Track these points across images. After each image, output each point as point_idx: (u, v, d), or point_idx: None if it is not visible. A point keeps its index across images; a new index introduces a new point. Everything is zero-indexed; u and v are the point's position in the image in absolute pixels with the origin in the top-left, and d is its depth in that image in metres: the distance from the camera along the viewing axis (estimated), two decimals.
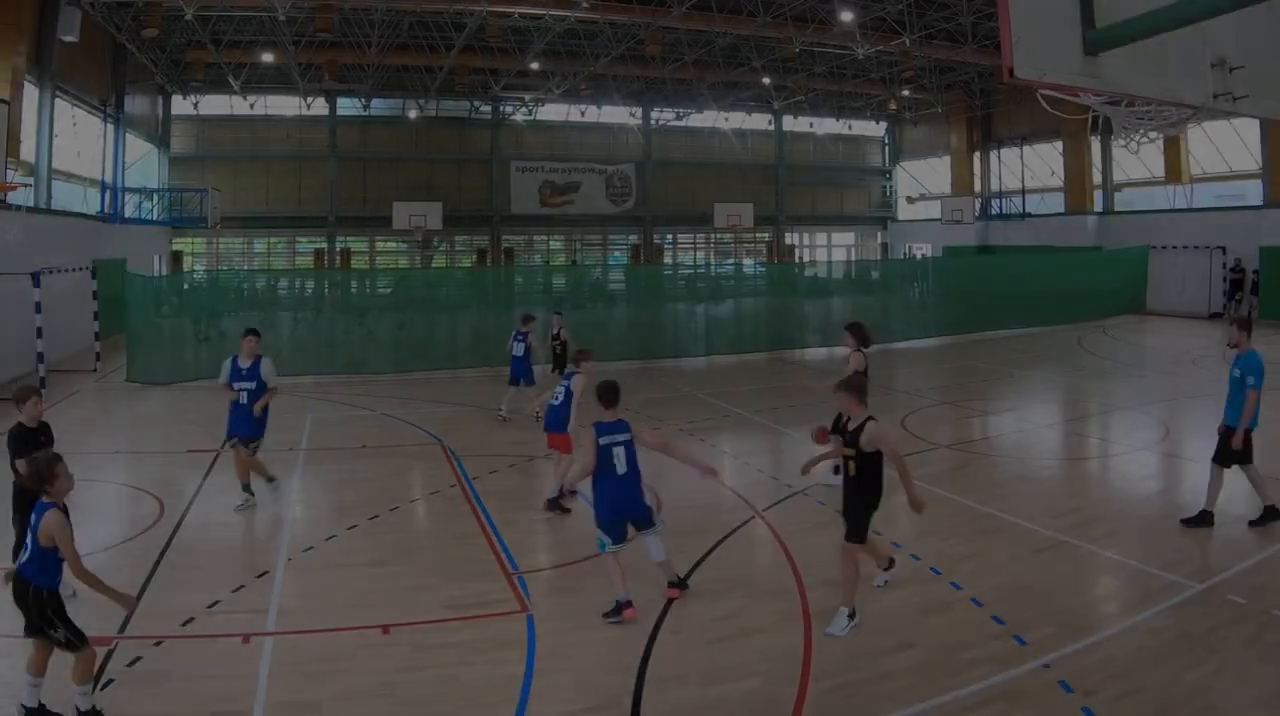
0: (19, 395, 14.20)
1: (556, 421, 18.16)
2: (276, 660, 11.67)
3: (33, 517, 9.98)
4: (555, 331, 29.50)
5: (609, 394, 13.74)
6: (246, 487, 18.49)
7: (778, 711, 10.43)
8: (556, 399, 18.39)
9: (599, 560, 13.39)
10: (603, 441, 13.31)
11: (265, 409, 18.71)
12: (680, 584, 13.78)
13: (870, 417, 12.71)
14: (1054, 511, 17.58)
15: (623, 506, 13.34)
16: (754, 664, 11.53)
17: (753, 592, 13.87)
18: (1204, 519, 16.37)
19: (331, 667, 11.51)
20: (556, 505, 17.96)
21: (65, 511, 10.03)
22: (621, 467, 13.31)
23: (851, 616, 12.43)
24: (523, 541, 16.56)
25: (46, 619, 9.90)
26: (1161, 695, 10.46)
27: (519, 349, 27.03)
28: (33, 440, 13.43)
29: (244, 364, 18.57)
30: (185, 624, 12.46)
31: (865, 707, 10.46)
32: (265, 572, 14.54)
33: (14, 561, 10.33)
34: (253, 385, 18.49)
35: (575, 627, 12.68)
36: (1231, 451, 16.36)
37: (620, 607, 12.87)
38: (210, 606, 13.01)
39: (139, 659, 11.49)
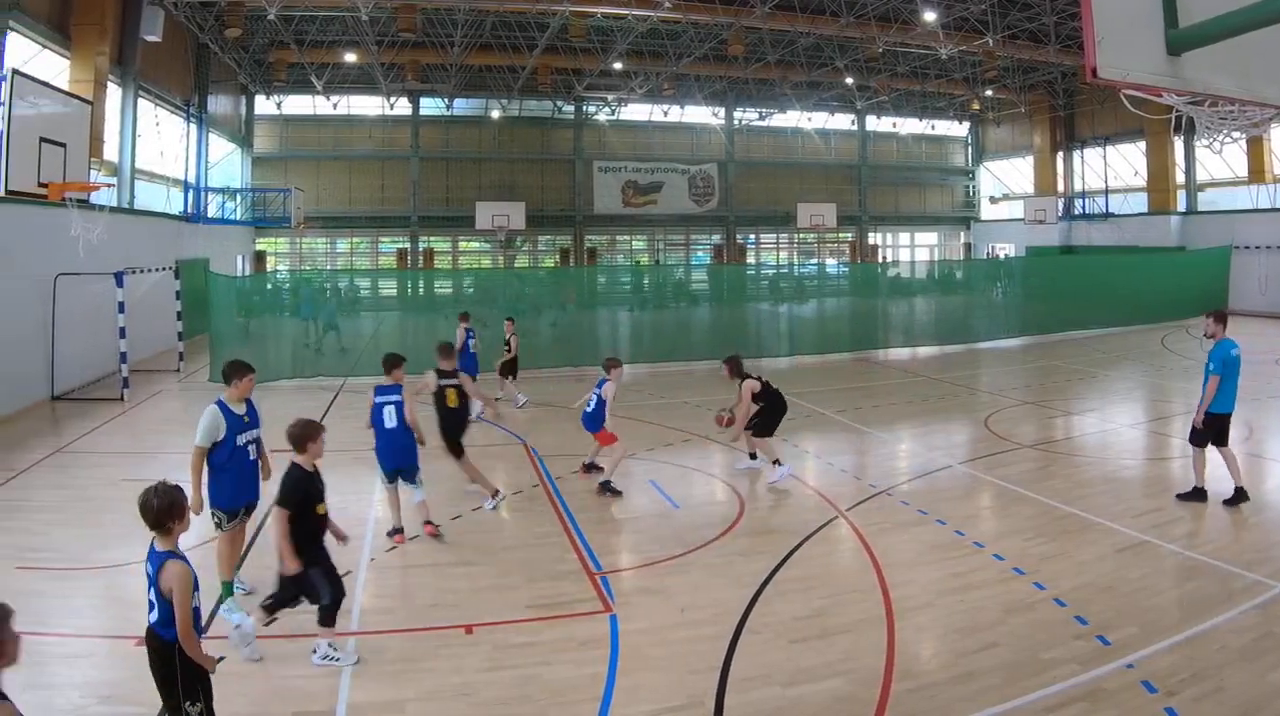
0: (306, 432, 12.14)
1: (594, 423, 19.39)
2: (359, 660, 11.83)
3: (148, 567, 8.79)
4: (506, 338, 29.91)
5: (387, 363, 17.33)
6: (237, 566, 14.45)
7: (860, 711, 10.41)
8: (589, 405, 19.44)
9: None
10: (377, 401, 16.64)
11: None
12: (433, 523, 16.95)
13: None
14: (1136, 511, 17.49)
15: (394, 456, 16.64)
16: (837, 663, 11.49)
17: (835, 592, 13.82)
18: (1240, 496, 17.64)
19: (414, 667, 11.61)
20: (608, 488, 18.98)
21: (186, 559, 8.78)
22: (390, 423, 16.47)
23: (495, 495, 18.38)
24: (605, 541, 16.61)
25: (188, 688, 8.90)
26: (1245, 695, 10.40)
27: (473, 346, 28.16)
28: (316, 489, 12.08)
29: (239, 409, 13.98)
30: (268, 624, 12.54)
31: (948, 707, 10.42)
32: (348, 572, 14.45)
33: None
34: (258, 431, 14.21)
35: (658, 627, 12.69)
36: (1194, 430, 18.08)
37: (392, 533, 16.47)
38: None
39: (222, 659, 11.29)
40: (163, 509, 8.74)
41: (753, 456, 21.01)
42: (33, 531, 16.84)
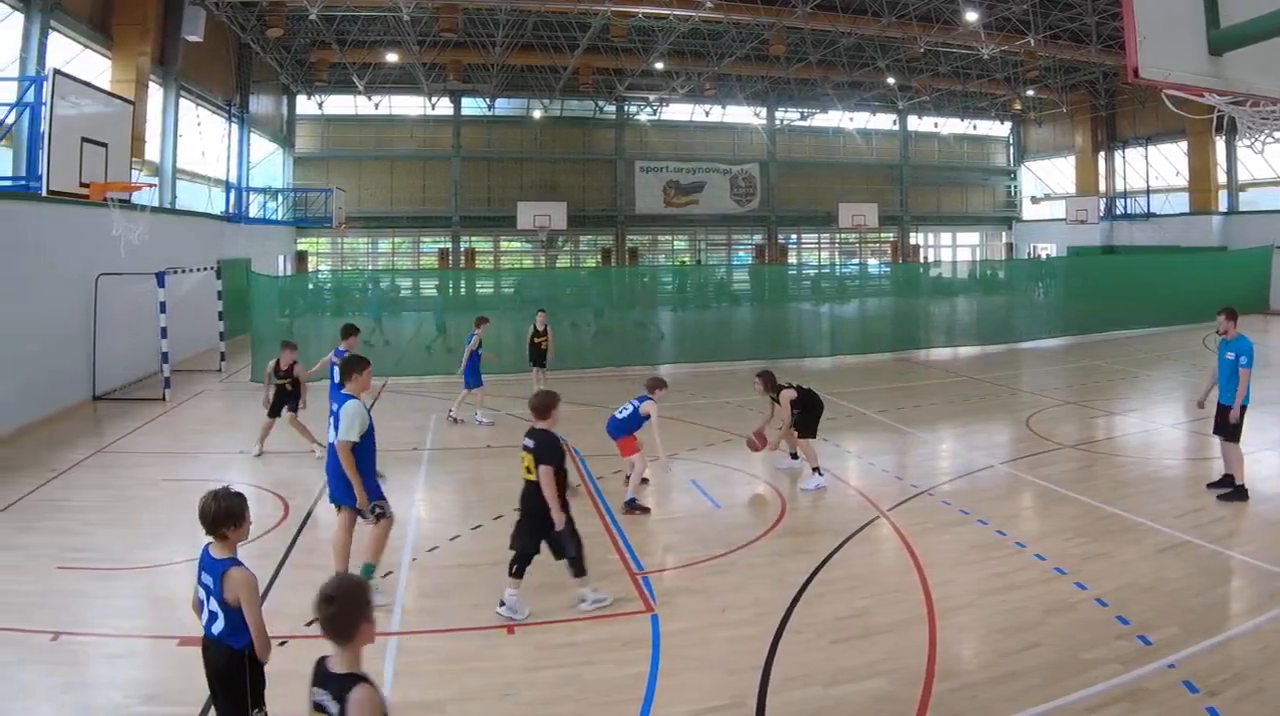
0: (548, 401, 13.89)
1: (620, 431, 19.09)
2: (401, 660, 11.84)
3: (205, 577, 8.77)
4: (541, 328, 29.58)
5: (343, 331, 21.27)
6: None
7: (902, 711, 10.43)
8: (621, 413, 19.22)
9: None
10: (332, 360, 20.18)
11: None
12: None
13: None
14: (1178, 511, 17.43)
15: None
16: (878, 663, 11.49)
17: (877, 592, 13.81)
18: (1239, 493, 17.95)
19: (456, 667, 11.65)
20: (635, 506, 18.49)
21: (244, 565, 8.75)
22: (336, 378, 18.37)
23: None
24: (647, 541, 16.65)
25: (256, 694, 9.05)
26: None
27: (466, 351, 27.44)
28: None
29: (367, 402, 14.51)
30: (310, 624, 12.54)
31: (990, 707, 10.43)
32: (389, 573, 14.67)
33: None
34: None
35: (699, 627, 12.69)
36: (1231, 426, 18.12)
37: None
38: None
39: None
40: (220, 514, 8.63)
41: (794, 456, 21.04)
42: (74, 531, 16.97)
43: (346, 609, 6.74)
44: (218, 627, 8.66)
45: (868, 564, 15.25)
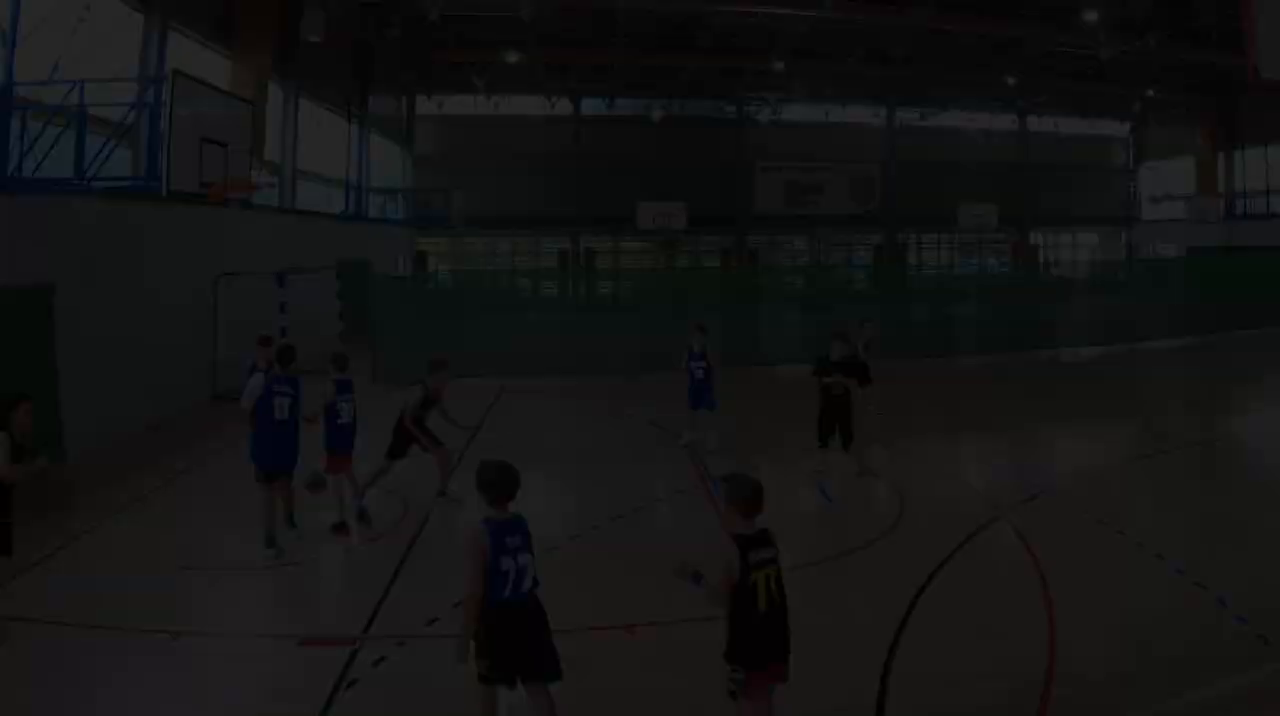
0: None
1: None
2: None
3: (511, 540, 9.14)
4: (864, 342, 22.58)
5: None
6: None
7: (1022, 713, 10.43)
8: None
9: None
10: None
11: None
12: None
13: None
14: None
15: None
16: (998, 665, 11.48)
17: (996, 593, 13.86)
18: None
19: (577, 668, 11.48)
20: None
21: None
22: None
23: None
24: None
25: None
26: None
27: (698, 369, 23.54)
28: None
29: None
30: (430, 623, 12.79)
31: (1110, 708, 10.38)
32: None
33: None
34: None
35: (818, 627, 12.30)
36: None
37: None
38: (455, 606, 13.07)
39: (383, 659, 11.94)
40: (514, 481, 9.35)
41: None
42: (195, 531, 17.39)
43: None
44: (530, 580, 9.22)
45: (987, 565, 15.27)
